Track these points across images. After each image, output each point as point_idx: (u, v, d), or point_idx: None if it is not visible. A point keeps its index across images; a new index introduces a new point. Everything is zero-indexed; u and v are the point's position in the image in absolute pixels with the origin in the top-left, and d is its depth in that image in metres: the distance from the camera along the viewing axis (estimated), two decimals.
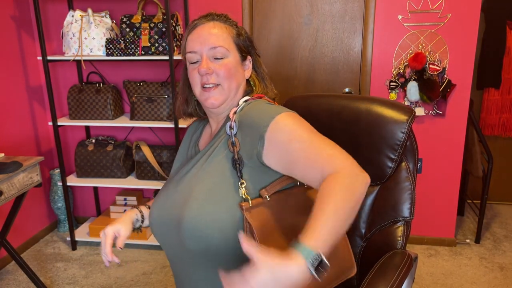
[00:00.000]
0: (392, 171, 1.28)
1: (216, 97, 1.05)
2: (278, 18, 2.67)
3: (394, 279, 1.07)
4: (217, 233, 0.95)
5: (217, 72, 1.05)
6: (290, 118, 0.95)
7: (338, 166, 0.86)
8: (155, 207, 1.12)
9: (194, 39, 1.07)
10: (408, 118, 1.25)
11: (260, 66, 1.16)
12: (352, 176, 0.85)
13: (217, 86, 1.05)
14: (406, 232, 1.24)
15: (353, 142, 1.31)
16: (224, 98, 1.06)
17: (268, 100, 1.08)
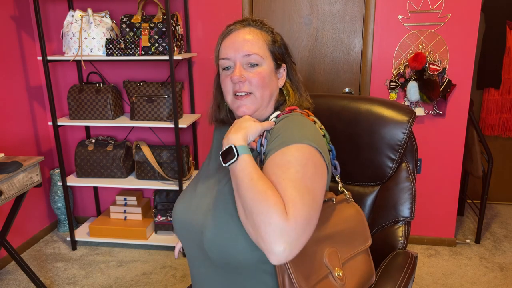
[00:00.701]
0: (392, 171, 1.28)
1: (248, 105, 1.03)
2: (278, 18, 2.67)
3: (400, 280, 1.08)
4: (240, 250, 0.93)
5: (250, 80, 1.03)
6: (301, 153, 0.92)
7: (289, 212, 0.82)
8: (180, 204, 1.09)
9: (228, 46, 1.05)
10: (409, 118, 1.25)
11: (295, 74, 1.14)
12: (283, 231, 0.80)
13: (249, 94, 1.03)
14: (406, 232, 1.24)
15: (353, 142, 1.31)
16: (256, 107, 1.04)
17: (301, 113, 1.05)
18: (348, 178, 1.34)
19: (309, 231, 0.85)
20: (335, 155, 1.08)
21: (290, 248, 0.80)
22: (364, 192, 1.34)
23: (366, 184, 1.34)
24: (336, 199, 1.05)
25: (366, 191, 1.34)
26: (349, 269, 1.01)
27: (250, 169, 0.89)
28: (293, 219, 0.81)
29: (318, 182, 0.91)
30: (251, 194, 0.85)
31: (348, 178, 1.34)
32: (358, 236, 1.06)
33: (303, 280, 0.89)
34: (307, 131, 0.98)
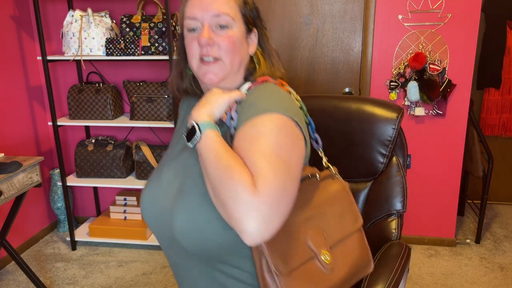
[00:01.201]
0: (384, 166, 1.33)
1: (215, 72, 0.93)
2: (278, 18, 2.66)
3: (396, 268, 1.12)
4: (213, 234, 0.86)
5: (219, 44, 0.92)
6: (273, 122, 0.83)
7: (258, 186, 0.74)
8: (147, 193, 1.00)
9: (195, 4, 0.93)
10: (398, 115, 1.31)
11: (267, 42, 1.03)
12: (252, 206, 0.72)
13: (217, 60, 0.92)
14: (399, 225, 1.29)
15: (346, 140, 1.36)
16: (225, 74, 0.94)
17: (275, 83, 0.96)
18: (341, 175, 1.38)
19: (285, 206, 0.76)
20: (315, 128, 0.99)
21: (264, 226, 0.72)
22: (357, 188, 1.39)
23: (359, 180, 1.39)
24: (320, 175, 0.96)
25: (359, 187, 1.39)
26: (339, 253, 0.93)
27: (215, 145, 0.81)
28: (263, 192, 0.73)
29: (294, 154, 0.83)
30: (216, 171, 0.78)
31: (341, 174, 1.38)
32: (347, 215, 0.98)
33: (281, 263, 0.82)
34: (280, 100, 0.89)
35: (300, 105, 0.97)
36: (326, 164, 1.01)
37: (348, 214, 0.98)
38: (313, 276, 0.87)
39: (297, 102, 0.96)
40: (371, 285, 1.06)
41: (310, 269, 0.87)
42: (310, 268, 0.87)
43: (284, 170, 0.78)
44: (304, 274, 0.86)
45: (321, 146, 1.00)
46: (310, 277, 0.86)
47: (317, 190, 0.95)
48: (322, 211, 0.93)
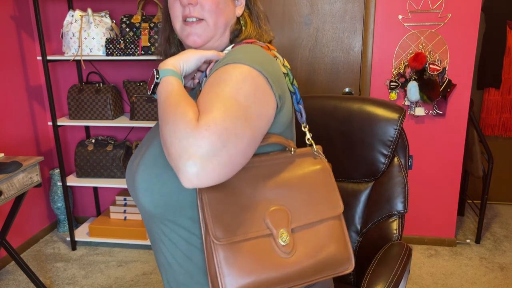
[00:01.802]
0: (385, 167, 1.33)
1: (199, 33, 0.88)
2: (278, 18, 2.66)
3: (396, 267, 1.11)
4: (161, 191, 0.82)
5: (203, 4, 0.87)
6: (239, 71, 0.76)
7: (204, 120, 0.67)
8: (129, 160, 0.97)
9: None
10: (400, 115, 1.31)
11: (254, 3, 0.97)
12: (190, 140, 0.66)
13: (200, 20, 0.88)
14: (401, 225, 1.29)
15: (347, 139, 1.35)
16: (209, 36, 0.89)
17: (261, 46, 0.89)
18: (342, 175, 1.38)
19: (233, 152, 0.67)
20: (299, 98, 0.91)
21: (202, 164, 0.64)
22: (359, 188, 1.38)
23: (361, 180, 1.38)
24: (296, 150, 0.89)
25: (360, 187, 1.37)
26: (303, 238, 0.83)
27: (169, 87, 0.76)
28: (205, 125, 0.66)
29: (257, 104, 0.74)
30: (162, 108, 0.73)
31: (342, 175, 1.38)
32: (323, 199, 0.87)
33: (222, 230, 0.76)
34: (256, 56, 0.81)
35: (287, 71, 0.89)
36: (309, 141, 0.93)
37: (324, 197, 0.88)
38: (263, 255, 0.79)
39: (284, 68, 0.89)
40: (371, 284, 1.06)
41: (261, 246, 0.79)
42: (262, 245, 0.79)
43: (238, 112, 0.70)
44: (251, 250, 0.78)
45: (305, 119, 0.92)
46: (259, 254, 0.79)
47: (291, 165, 0.87)
48: (292, 190, 0.85)
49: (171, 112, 0.70)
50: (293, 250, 0.81)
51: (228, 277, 0.76)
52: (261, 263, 0.78)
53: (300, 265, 0.81)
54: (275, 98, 0.80)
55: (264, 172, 0.83)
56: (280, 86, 0.83)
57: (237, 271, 0.76)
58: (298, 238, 0.83)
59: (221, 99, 0.70)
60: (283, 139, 0.86)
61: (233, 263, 0.77)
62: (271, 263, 0.79)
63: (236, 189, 0.80)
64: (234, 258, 0.77)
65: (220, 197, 0.78)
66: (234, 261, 0.77)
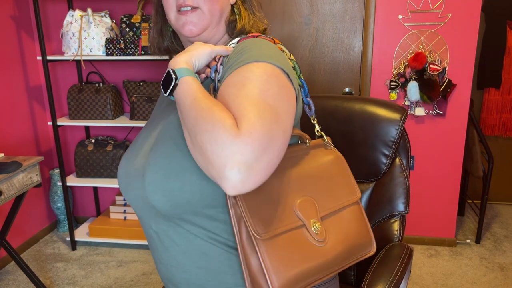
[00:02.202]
0: (386, 167, 1.32)
1: (194, 22, 0.87)
2: (278, 18, 2.66)
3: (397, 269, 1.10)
4: (187, 186, 0.79)
5: None
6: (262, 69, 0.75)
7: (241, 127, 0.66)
8: (124, 156, 0.95)
9: None
10: (401, 116, 1.31)
11: None
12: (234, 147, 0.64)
13: (195, 9, 0.86)
14: (402, 226, 1.29)
15: (348, 139, 1.35)
16: (205, 24, 0.88)
17: (267, 39, 0.88)
18: None
19: (272, 155, 0.67)
20: (308, 91, 0.91)
21: (246, 171, 0.64)
22: (360, 189, 1.37)
23: (362, 180, 1.38)
24: (310, 142, 0.90)
25: (362, 188, 1.38)
26: (332, 225, 0.85)
27: (193, 89, 0.74)
28: (247, 133, 0.65)
29: (284, 104, 0.74)
30: (193, 113, 0.71)
31: None
32: (341, 186, 0.90)
33: (261, 225, 0.76)
34: (272, 52, 0.81)
35: (294, 64, 0.89)
36: (319, 133, 0.94)
37: (342, 185, 0.91)
38: (300, 246, 0.80)
39: (291, 62, 0.89)
40: (371, 285, 1.06)
41: (297, 237, 0.80)
42: (297, 236, 0.80)
43: (271, 115, 0.69)
44: (289, 242, 0.79)
45: (313, 112, 0.92)
46: (297, 246, 0.79)
47: (307, 157, 0.88)
48: (313, 180, 0.86)
49: (207, 119, 0.68)
50: (326, 238, 0.83)
51: (275, 272, 0.76)
52: (301, 254, 0.79)
53: (335, 252, 0.84)
54: (295, 92, 0.81)
55: (286, 165, 0.83)
56: (294, 79, 0.83)
57: (281, 265, 0.76)
58: (327, 226, 0.85)
59: (253, 103, 0.70)
60: (300, 131, 0.88)
61: (276, 257, 0.77)
62: (310, 253, 0.80)
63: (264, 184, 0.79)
64: (275, 252, 0.77)
65: (252, 193, 0.78)
66: (277, 255, 0.77)
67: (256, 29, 0.95)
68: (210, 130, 0.67)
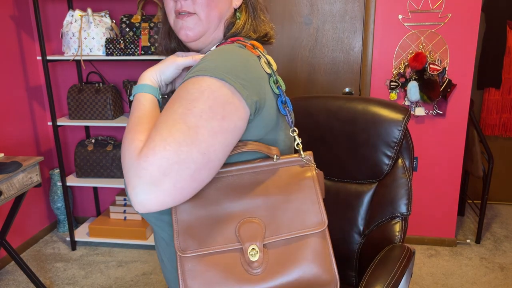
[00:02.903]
0: (389, 168, 1.32)
1: (190, 27, 0.86)
2: (278, 18, 2.66)
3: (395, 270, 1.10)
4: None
5: None
6: (197, 86, 0.73)
7: (143, 151, 0.67)
8: None
9: None
10: (404, 116, 1.30)
11: None
12: (133, 170, 0.67)
13: (192, 14, 0.86)
14: (403, 227, 1.28)
15: (351, 140, 1.34)
16: (202, 30, 0.87)
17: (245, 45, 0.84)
18: (346, 176, 1.37)
19: (179, 176, 0.66)
20: (284, 99, 0.84)
21: (143, 194, 0.65)
22: (362, 189, 1.37)
23: (364, 181, 1.37)
24: (280, 158, 0.83)
25: (364, 189, 1.36)
26: (278, 254, 0.78)
27: (136, 106, 0.79)
28: (143, 157, 0.66)
29: (213, 121, 0.70)
30: (126, 130, 0.76)
31: (346, 175, 1.37)
32: (304, 214, 0.80)
33: (190, 242, 0.75)
34: (227, 63, 0.76)
35: (270, 72, 0.84)
36: (298, 147, 0.86)
37: (307, 211, 0.81)
38: (228, 270, 0.75)
39: (268, 68, 0.84)
40: (369, 286, 1.05)
41: (227, 261, 0.76)
42: (228, 260, 0.76)
43: (183, 136, 0.67)
44: (217, 264, 0.75)
45: (291, 121, 0.85)
46: (223, 270, 0.75)
47: (272, 175, 0.82)
48: (271, 201, 0.80)
49: (126, 137, 0.73)
50: (263, 266, 0.76)
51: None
52: (226, 277, 0.75)
53: (269, 283, 0.76)
54: (245, 105, 0.75)
55: (241, 182, 0.80)
56: (256, 90, 0.78)
57: (200, 284, 0.75)
58: (272, 254, 0.77)
59: (167, 124, 0.69)
60: (262, 146, 0.81)
61: (197, 276, 0.75)
62: (236, 278, 0.75)
63: (209, 198, 0.78)
64: (198, 272, 0.75)
65: (190, 207, 0.77)
66: (198, 275, 0.75)
67: (258, 32, 0.93)
68: (123, 148, 0.72)
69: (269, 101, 0.82)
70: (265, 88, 0.81)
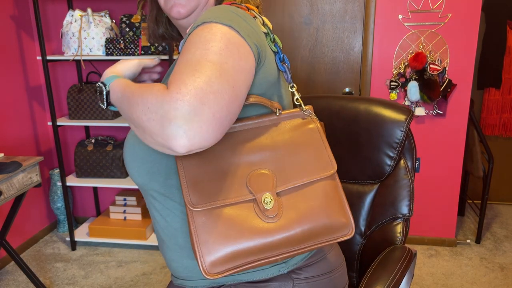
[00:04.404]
0: (391, 169, 1.31)
1: (182, 3, 0.85)
2: (278, 18, 2.66)
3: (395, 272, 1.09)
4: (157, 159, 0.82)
5: None
6: (206, 30, 0.71)
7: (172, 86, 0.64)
8: None
9: None
10: (407, 117, 1.29)
11: None
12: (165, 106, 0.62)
13: None
14: (405, 229, 1.27)
15: (353, 140, 1.34)
16: (193, 5, 0.86)
17: (239, 6, 0.82)
18: (347, 176, 1.37)
19: (216, 106, 0.63)
20: (282, 57, 0.84)
21: (186, 124, 0.60)
22: (364, 190, 1.36)
23: (366, 182, 1.37)
24: (282, 112, 0.84)
25: (365, 189, 1.36)
26: (291, 201, 0.78)
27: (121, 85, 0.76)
28: (175, 90, 0.62)
29: (233, 59, 0.69)
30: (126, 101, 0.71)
31: (347, 176, 1.37)
32: (312, 160, 0.82)
33: (200, 196, 0.74)
34: (226, 14, 0.75)
35: (267, 30, 0.84)
36: (298, 102, 0.87)
37: (313, 158, 0.82)
38: (243, 221, 0.75)
39: (263, 27, 0.83)
40: (369, 286, 1.05)
41: (241, 212, 0.75)
42: (242, 211, 0.75)
43: (210, 69, 0.65)
44: (231, 216, 0.74)
45: (291, 79, 0.86)
46: (239, 221, 0.74)
47: (275, 127, 0.82)
48: (277, 153, 0.80)
49: (136, 96, 0.68)
50: (279, 215, 0.76)
51: (206, 245, 0.72)
52: (243, 229, 0.74)
53: (286, 230, 0.76)
54: (252, 50, 0.74)
55: (246, 136, 0.79)
56: (258, 40, 0.77)
57: (215, 238, 0.73)
58: (286, 202, 0.78)
59: (189, 63, 0.66)
60: (264, 99, 0.80)
61: (212, 231, 0.73)
62: (253, 229, 0.74)
63: (215, 154, 0.77)
64: (213, 225, 0.73)
65: (197, 162, 0.76)
66: (213, 228, 0.73)
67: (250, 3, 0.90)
68: (141, 102, 0.65)
69: (269, 56, 0.82)
70: (265, 43, 0.81)
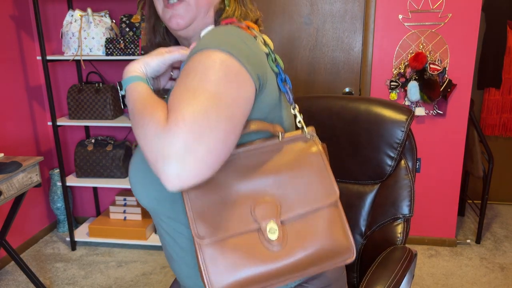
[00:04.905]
0: (391, 169, 1.31)
1: (181, 15, 0.85)
2: (278, 18, 2.66)
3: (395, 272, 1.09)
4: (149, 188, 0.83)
5: None
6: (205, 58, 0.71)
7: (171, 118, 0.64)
8: None
9: None
10: (407, 117, 1.29)
11: None
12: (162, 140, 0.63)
13: (181, 1, 0.85)
14: (405, 229, 1.27)
15: (353, 141, 1.33)
16: (192, 16, 0.86)
17: (239, 26, 0.82)
18: (348, 177, 1.37)
19: (212, 142, 0.63)
20: (284, 77, 0.84)
21: (179, 163, 0.61)
22: (364, 190, 1.36)
23: (366, 182, 1.36)
24: (284, 135, 0.83)
25: (366, 190, 1.35)
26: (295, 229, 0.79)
27: (135, 94, 0.76)
28: (173, 123, 0.62)
29: (231, 89, 0.69)
30: (134, 115, 0.71)
31: (348, 176, 1.37)
32: (315, 186, 0.82)
33: (207, 228, 0.74)
34: (226, 38, 0.75)
35: (268, 50, 0.83)
36: (301, 124, 0.86)
37: (317, 184, 0.82)
38: (249, 250, 0.75)
39: (265, 47, 0.83)
40: (369, 287, 1.05)
41: (247, 241, 0.76)
42: (248, 240, 0.76)
43: (208, 101, 0.65)
44: (237, 246, 0.75)
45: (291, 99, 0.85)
46: (246, 250, 0.75)
47: (279, 153, 0.82)
48: (281, 178, 0.80)
49: (140, 117, 0.69)
50: (284, 243, 0.77)
51: (213, 275, 0.74)
52: (249, 258, 0.75)
53: (291, 258, 0.78)
54: (252, 78, 0.73)
55: (249, 163, 0.79)
56: (259, 65, 0.77)
57: (222, 268, 0.74)
58: (290, 230, 0.79)
59: (188, 91, 0.66)
60: (266, 124, 0.80)
61: (219, 262, 0.74)
62: (259, 258, 0.76)
63: (219, 183, 0.77)
64: (220, 256, 0.75)
65: (202, 193, 0.76)
66: (220, 259, 0.74)
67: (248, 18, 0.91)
68: (141, 126, 0.67)
69: (270, 78, 0.81)
70: (266, 65, 0.81)
